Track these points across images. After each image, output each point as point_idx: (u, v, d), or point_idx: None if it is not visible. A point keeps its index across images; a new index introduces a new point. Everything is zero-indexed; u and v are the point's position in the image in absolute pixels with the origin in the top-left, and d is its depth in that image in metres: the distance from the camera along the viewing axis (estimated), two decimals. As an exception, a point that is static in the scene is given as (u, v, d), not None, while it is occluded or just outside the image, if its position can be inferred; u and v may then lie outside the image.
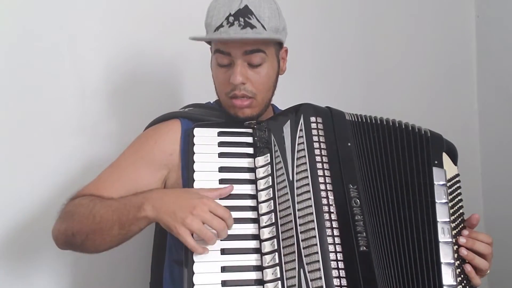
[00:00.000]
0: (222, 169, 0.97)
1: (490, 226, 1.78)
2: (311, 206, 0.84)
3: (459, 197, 0.95)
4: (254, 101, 1.01)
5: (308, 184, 0.86)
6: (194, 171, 0.96)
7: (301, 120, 0.92)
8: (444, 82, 1.83)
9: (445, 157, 0.97)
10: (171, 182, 1.02)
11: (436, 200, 0.91)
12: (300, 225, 0.84)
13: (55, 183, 1.22)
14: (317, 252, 0.80)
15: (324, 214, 0.83)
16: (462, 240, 0.90)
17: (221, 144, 0.99)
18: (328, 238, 0.81)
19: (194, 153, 0.97)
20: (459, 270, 0.88)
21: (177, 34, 1.31)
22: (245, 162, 0.98)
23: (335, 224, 0.83)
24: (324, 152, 0.89)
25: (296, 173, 0.88)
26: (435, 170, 0.94)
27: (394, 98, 1.70)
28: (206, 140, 1.00)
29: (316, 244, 0.81)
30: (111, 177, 1.00)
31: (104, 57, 1.32)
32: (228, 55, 0.99)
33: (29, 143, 1.20)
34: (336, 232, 0.82)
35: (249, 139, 1.00)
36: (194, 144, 0.98)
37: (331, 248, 0.80)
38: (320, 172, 0.87)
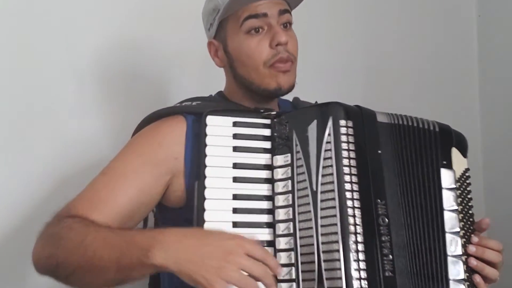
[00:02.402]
0: (236, 165, 0.89)
1: (491, 226, 1.78)
2: (336, 224, 0.77)
3: (468, 196, 0.90)
4: (294, 66, 0.96)
5: (334, 199, 0.78)
6: (206, 166, 0.87)
7: (330, 123, 0.82)
8: (445, 82, 1.79)
9: (454, 151, 0.90)
10: (173, 189, 0.91)
11: (445, 207, 0.86)
12: (322, 243, 0.77)
13: (53, 183, 1.17)
14: (340, 278, 0.74)
15: (350, 236, 0.76)
16: (472, 249, 0.85)
17: (236, 136, 0.90)
18: (352, 264, 0.75)
19: (206, 145, 0.88)
20: (468, 283, 0.84)
21: (173, 30, 1.31)
22: (261, 158, 0.90)
23: (360, 247, 0.76)
24: (353, 162, 0.81)
25: (321, 184, 0.80)
26: (443, 172, 0.87)
27: (395, 98, 1.64)
28: (219, 130, 0.90)
29: (339, 269, 0.74)
30: (108, 186, 0.86)
31: (100, 55, 1.27)
32: (264, 16, 0.93)
33: (20, 145, 1.16)
34: (361, 256, 0.76)
35: (267, 132, 0.91)
36: (206, 135, 0.89)
37: (355, 274, 0.74)
38: (347, 186, 0.79)
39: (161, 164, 0.90)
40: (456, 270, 0.83)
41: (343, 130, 0.82)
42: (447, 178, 0.88)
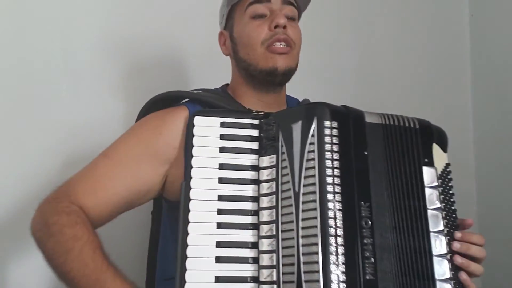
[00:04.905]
0: (222, 166, 0.89)
1: (484, 227, 1.70)
2: (316, 226, 0.76)
3: (451, 192, 0.87)
4: (292, 52, 0.98)
5: (315, 200, 0.77)
6: (192, 167, 0.87)
7: (314, 124, 0.81)
8: (437, 81, 1.78)
9: (435, 147, 0.88)
10: (171, 179, 0.94)
11: (428, 207, 0.83)
12: (302, 245, 0.77)
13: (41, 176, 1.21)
14: (318, 280, 0.73)
15: (330, 238, 0.75)
16: (456, 245, 0.82)
17: (223, 137, 0.90)
18: (331, 267, 0.74)
19: (193, 146, 0.88)
20: (454, 281, 0.81)
21: (179, 23, 1.37)
22: (248, 159, 0.89)
23: (341, 250, 0.75)
24: (336, 164, 0.79)
25: (304, 185, 0.79)
26: (425, 170, 0.85)
27: (387, 97, 1.65)
28: (207, 131, 0.90)
29: (317, 271, 0.73)
30: (109, 172, 0.90)
31: (98, 50, 1.31)
32: (267, 2, 0.98)
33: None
34: (341, 259, 0.74)
35: (255, 132, 0.91)
36: (193, 136, 0.89)
37: (334, 277, 0.73)
38: (329, 188, 0.78)
39: (160, 153, 0.92)
40: (442, 270, 0.80)
41: (327, 131, 0.81)
42: (429, 176, 0.85)
